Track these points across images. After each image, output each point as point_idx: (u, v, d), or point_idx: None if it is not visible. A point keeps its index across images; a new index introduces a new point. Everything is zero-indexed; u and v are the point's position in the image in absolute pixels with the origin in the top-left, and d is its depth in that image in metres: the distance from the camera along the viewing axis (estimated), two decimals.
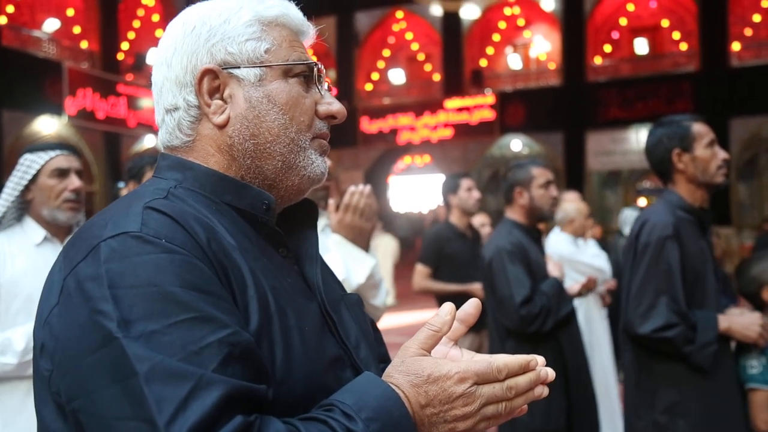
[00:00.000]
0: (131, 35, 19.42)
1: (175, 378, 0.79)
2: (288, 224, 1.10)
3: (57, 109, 15.50)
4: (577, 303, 5.47)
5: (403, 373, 0.90)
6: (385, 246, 14.95)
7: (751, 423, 2.71)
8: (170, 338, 0.81)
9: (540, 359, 0.95)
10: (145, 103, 17.87)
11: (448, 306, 0.97)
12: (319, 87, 1.09)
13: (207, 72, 1.02)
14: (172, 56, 1.04)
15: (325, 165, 1.09)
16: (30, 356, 2.29)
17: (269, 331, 0.92)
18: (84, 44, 17.69)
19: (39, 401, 0.93)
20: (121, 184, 4.11)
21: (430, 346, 0.94)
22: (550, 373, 0.94)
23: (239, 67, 1.03)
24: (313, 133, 1.07)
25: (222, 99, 1.03)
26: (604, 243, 9.09)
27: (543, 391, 0.94)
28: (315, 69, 1.07)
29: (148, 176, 3.44)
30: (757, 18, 19.07)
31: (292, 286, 1.01)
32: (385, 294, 2.50)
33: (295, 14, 1.10)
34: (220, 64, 1.03)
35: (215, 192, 1.02)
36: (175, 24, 1.07)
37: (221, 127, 1.03)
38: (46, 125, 15.57)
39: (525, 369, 0.92)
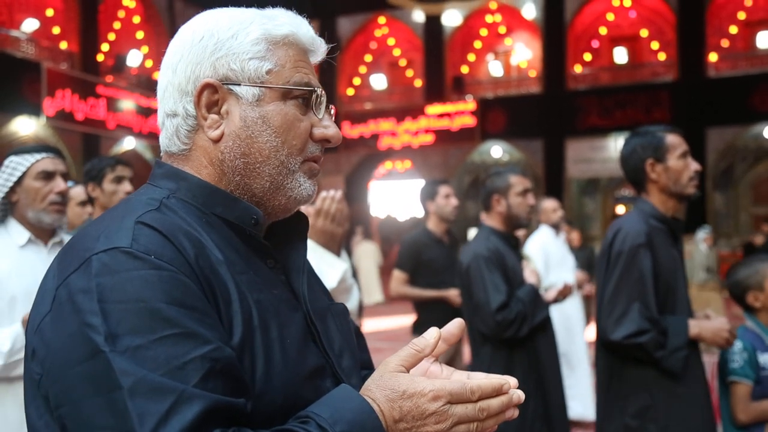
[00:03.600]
0: (111, 36, 19.26)
1: (157, 392, 0.82)
2: (278, 235, 1.12)
3: (35, 110, 15.32)
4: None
5: (381, 388, 0.92)
6: (367, 251, 15.54)
7: (732, 415, 2.83)
8: (154, 353, 0.84)
9: (513, 381, 0.96)
10: (124, 105, 17.72)
11: (435, 331, 0.99)
12: (316, 111, 1.08)
13: (207, 86, 1.03)
14: (178, 63, 1.05)
15: (313, 188, 1.10)
16: (16, 357, 2.29)
17: (251, 346, 0.94)
18: (63, 45, 17.51)
19: (28, 401, 0.96)
20: (70, 183, 3.95)
21: (411, 364, 0.96)
22: (522, 396, 0.97)
23: (239, 85, 1.03)
24: (305, 157, 1.07)
25: (219, 114, 1.04)
26: (584, 249, 9.22)
27: (513, 413, 0.96)
28: (314, 93, 1.07)
29: (108, 178, 3.39)
30: (733, 30, 19.40)
31: (278, 298, 1.03)
32: (357, 298, 2.51)
33: (306, 32, 1.09)
34: (221, 79, 1.03)
35: (206, 204, 1.04)
36: (185, 30, 1.08)
37: (215, 141, 1.04)
38: (24, 126, 15.39)
39: (498, 392, 0.94)
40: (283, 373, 0.96)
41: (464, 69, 21.91)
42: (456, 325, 1.03)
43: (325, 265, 2.34)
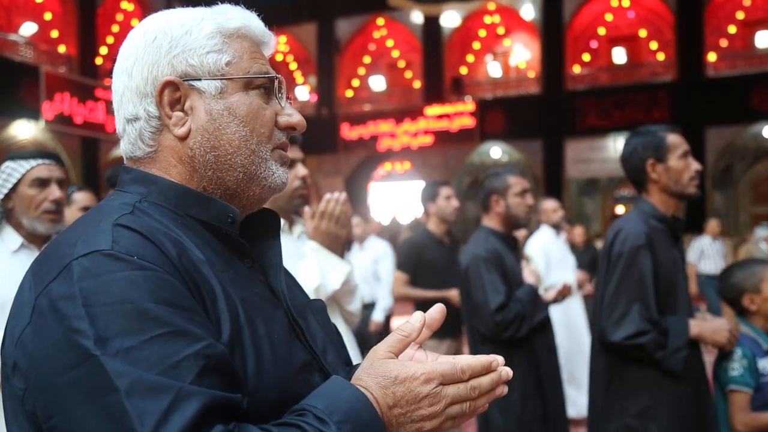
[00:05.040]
0: (110, 40, 19.26)
1: (154, 391, 0.80)
2: (251, 234, 1.11)
3: (34, 114, 15.32)
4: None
5: (372, 376, 0.93)
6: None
7: (730, 424, 2.76)
8: (147, 353, 0.82)
9: (500, 359, 0.97)
10: None
11: (419, 314, 1.00)
12: (279, 98, 1.09)
13: (168, 84, 1.02)
14: (133, 66, 1.04)
15: (285, 175, 1.10)
16: None
17: (241, 342, 0.94)
18: (62, 48, 17.52)
19: (10, 419, 0.93)
20: (73, 188, 3.95)
21: (399, 350, 0.97)
22: (510, 372, 0.98)
23: (200, 80, 1.03)
24: (273, 144, 1.07)
25: (183, 111, 1.04)
26: (588, 250, 9.22)
27: (503, 389, 0.97)
28: (275, 81, 1.08)
29: None
30: (732, 29, 19.40)
31: (259, 296, 1.03)
32: (360, 300, 2.51)
33: (257, 25, 1.10)
34: (181, 76, 1.03)
35: (180, 205, 1.03)
36: (135, 33, 1.07)
37: (182, 138, 1.04)
38: (23, 130, 15.39)
39: (487, 369, 0.95)
40: (274, 369, 0.96)
41: (463, 70, 21.91)
42: (437, 310, 1.04)
43: (329, 267, 2.33)
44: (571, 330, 6.10)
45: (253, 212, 1.12)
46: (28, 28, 16.84)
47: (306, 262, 2.30)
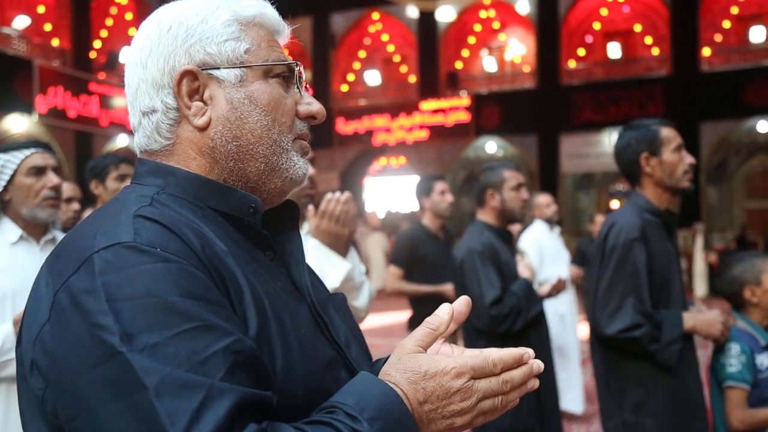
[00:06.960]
0: (104, 33, 19.18)
1: (185, 389, 0.77)
2: (271, 227, 1.08)
3: (27, 108, 15.26)
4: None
5: (401, 371, 0.90)
6: (376, 241, 16.99)
7: (726, 420, 2.75)
8: (175, 349, 0.79)
9: (531, 351, 0.93)
10: (117, 102, 17.65)
11: (447, 306, 0.97)
12: (299, 87, 1.07)
13: (186, 73, 0.99)
14: (148, 57, 1.01)
15: (306, 166, 1.07)
16: (4, 358, 2.25)
17: (268, 336, 0.91)
18: (55, 42, 17.43)
19: (27, 420, 0.91)
20: None
21: (427, 344, 0.94)
22: (542, 365, 0.94)
23: (219, 68, 1.01)
24: (295, 134, 1.05)
25: (202, 100, 1.01)
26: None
27: (535, 383, 0.94)
28: (295, 69, 1.06)
29: (112, 176, 3.39)
30: (726, 24, 19.43)
31: (283, 290, 1.00)
32: (368, 296, 2.51)
33: (272, 14, 1.08)
34: (199, 65, 1.00)
35: (199, 197, 1.00)
36: (149, 24, 1.04)
37: (202, 129, 1.01)
38: (16, 124, 15.33)
39: (519, 362, 0.92)
40: (302, 365, 0.93)
41: (458, 65, 21.90)
42: (462, 302, 1.00)
43: (328, 265, 2.33)
44: (562, 325, 6.12)
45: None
46: (21, 22, 16.73)
47: (306, 259, 2.30)
